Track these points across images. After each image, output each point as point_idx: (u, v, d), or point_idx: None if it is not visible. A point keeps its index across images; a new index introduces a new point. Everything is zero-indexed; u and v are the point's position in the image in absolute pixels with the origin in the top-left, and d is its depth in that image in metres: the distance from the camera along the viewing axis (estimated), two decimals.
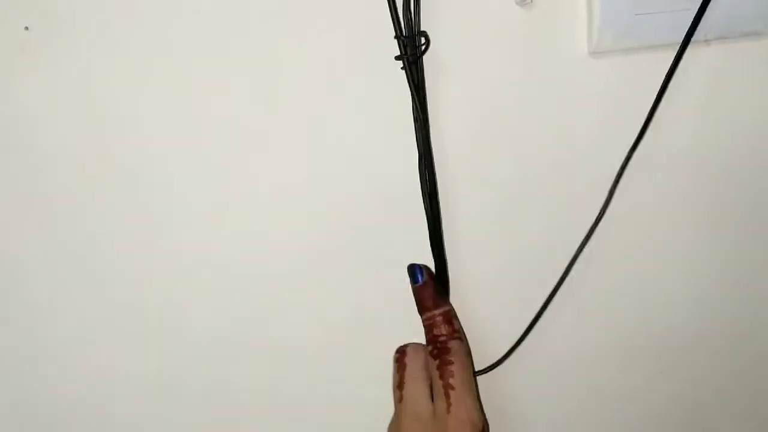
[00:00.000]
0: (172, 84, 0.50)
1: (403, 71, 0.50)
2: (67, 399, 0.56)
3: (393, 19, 0.49)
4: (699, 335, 0.68)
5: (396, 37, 0.49)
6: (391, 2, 0.48)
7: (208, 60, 0.50)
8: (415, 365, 0.53)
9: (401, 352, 0.55)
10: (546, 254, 0.61)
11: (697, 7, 0.54)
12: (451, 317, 0.53)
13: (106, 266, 0.53)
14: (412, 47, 0.50)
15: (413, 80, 0.50)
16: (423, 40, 0.50)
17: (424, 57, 0.52)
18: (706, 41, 0.56)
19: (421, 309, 0.54)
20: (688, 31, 0.54)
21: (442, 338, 0.52)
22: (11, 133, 0.49)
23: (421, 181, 0.54)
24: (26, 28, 0.48)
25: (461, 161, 0.56)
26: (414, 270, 0.54)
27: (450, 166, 0.56)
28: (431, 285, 0.54)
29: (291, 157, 0.53)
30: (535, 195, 0.59)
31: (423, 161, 0.53)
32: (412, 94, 0.51)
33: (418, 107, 0.51)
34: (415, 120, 0.52)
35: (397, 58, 0.50)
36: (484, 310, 0.60)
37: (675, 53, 0.55)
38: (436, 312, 0.53)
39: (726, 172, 0.62)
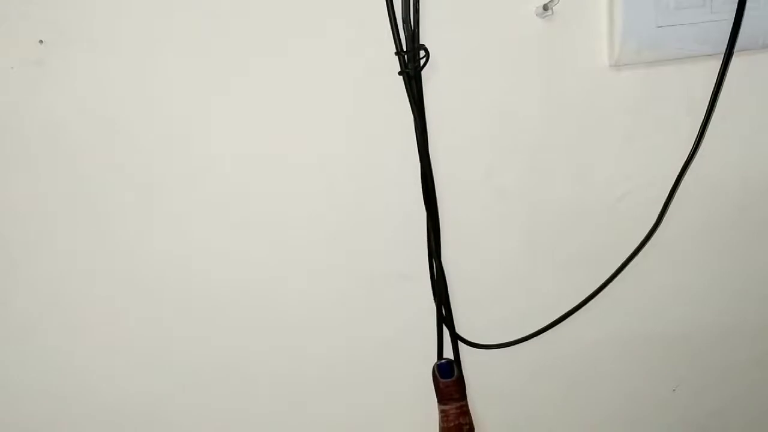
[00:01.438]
0: (180, 92, 0.49)
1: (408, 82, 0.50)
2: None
3: (393, 35, 0.49)
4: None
5: (396, 53, 0.49)
6: (391, 19, 0.48)
7: (215, 80, 0.49)
8: None
9: None
10: (565, 270, 0.60)
11: (720, 19, 0.54)
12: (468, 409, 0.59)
13: (120, 271, 0.52)
14: (412, 61, 0.49)
15: (413, 94, 0.50)
16: (423, 53, 0.50)
17: (441, 68, 0.51)
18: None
19: (447, 399, 0.58)
20: (728, 44, 0.54)
21: (467, 427, 0.58)
22: (31, 141, 0.48)
23: (423, 194, 0.54)
24: (41, 41, 0.47)
25: (482, 173, 0.56)
26: (445, 367, 0.58)
27: (469, 178, 0.55)
28: (461, 379, 0.58)
29: (298, 171, 0.53)
30: (554, 206, 0.58)
31: (425, 177, 0.53)
32: (412, 108, 0.50)
33: (418, 120, 0.51)
34: (417, 133, 0.52)
35: (399, 73, 0.50)
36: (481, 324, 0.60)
37: (697, 66, 0.55)
38: (463, 403, 0.58)
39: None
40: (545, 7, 0.52)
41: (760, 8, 0.54)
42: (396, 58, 0.50)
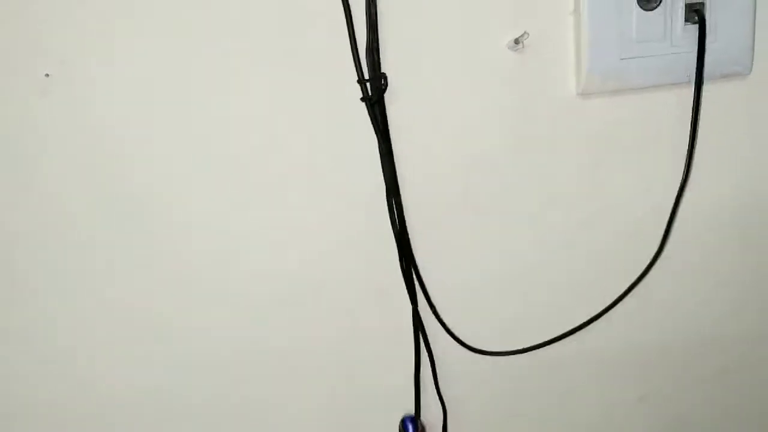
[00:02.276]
0: (184, 124, 0.53)
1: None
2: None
3: (355, 64, 0.52)
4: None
5: (358, 81, 0.52)
6: (354, 51, 0.52)
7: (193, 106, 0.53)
8: None
9: None
10: (545, 291, 0.64)
11: (680, 52, 0.58)
12: None
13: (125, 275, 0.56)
14: (374, 89, 0.53)
15: (376, 119, 0.53)
16: (383, 81, 0.53)
17: (418, 99, 0.55)
18: (689, 82, 0.59)
19: None
20: (697, 72, 0.58)
21: None
22: (34, 170, 0.52)
23: (389, 215, 0.57)
24: (47, 75, 0.50)
25: (454, 197, 0.59)
26: (407, 424, 0.60)
27: (441, 201, 0.59)
28: None
29: (265, 201, 0.56)
30: (524, 230, 0.62)
31: (391, 196, 0.56)
32: (376, 132, 0.54)
33: (382, 144, 0.54)
34: (381, 157, 0.55)
35: (361, 99, 0.53)
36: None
37: (660, 95, 0.59)
38: None
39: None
40: (516, 41, 0.56)
41: (717, 41, 0.58)
42: (360, 100, 0.53)
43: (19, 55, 0.49)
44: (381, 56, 0.53)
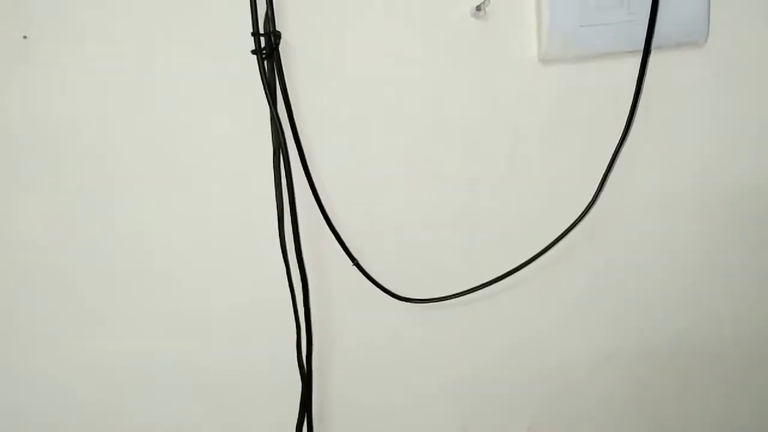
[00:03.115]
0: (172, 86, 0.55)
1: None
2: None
3: (252, 17, 0.52)
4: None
5: (253, 34, 0.53)
6: (252, 5, 0.52)
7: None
8: None
9: None
10: (495, 253, 0.66)
11: (636, 20, 0.60)
12: None
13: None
14: (267, 44, 0.53)
15: (265, 76, 0.54)
16: (274, 38, 0.53)
17: (376, 67, 0.58)
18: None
19: None
20: (646, 41, 0.60)
21: None
22: (13, 136, 0.54)
23: (275, 179, 0.57)
24: (24, 36, 0.52)
25: (420, 160, 0.62)
26: None
27: (408, 171, 0.61)
28: None
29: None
30: (488, 191, 0.64)
31: (278, 156, 0.57)
32: (265, 90, 0.54)
33: (270, 103, 0.54)
34: (271, 117, 0.55)
35: (252, 52, 0.53)
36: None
37: (618, 62, 0.62)
38: None
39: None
40: (478, 8, 0.58)
41: (671, 9, 0.61)
42: (250, 53, 0.53)
43: None
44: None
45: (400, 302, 0.64)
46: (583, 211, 0.65)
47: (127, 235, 0.58)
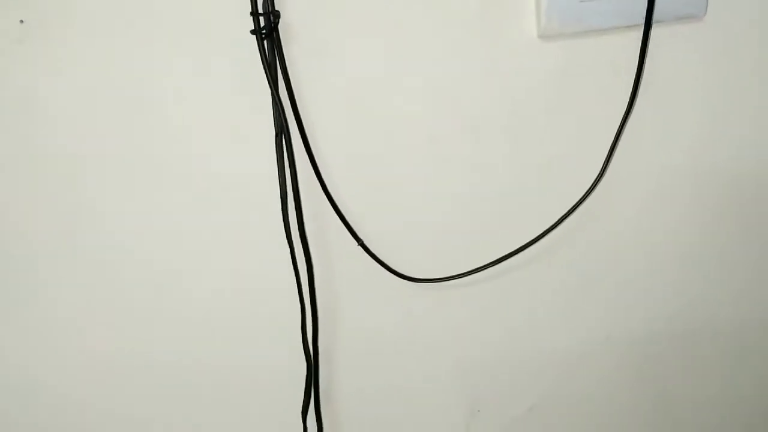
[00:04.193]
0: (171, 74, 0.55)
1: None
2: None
3: None
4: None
5: (252, 13, 0.53)
6: None
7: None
8: None
9: None
10: (502, 232, 0.66)
11: None
12: None
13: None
14: (266, 23, 0.53)
15: (266, 56, 0.54)
16: (273, 18, 0.53)
17: (380, 43, 0.58)
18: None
19: None
20: (647, 15, 0.60)
21: None
22: (10, 120, 0.53)
23: (277, 161, 0.57)
24: (21, 21, 0.52)
25: (423, 139, 0.62)
26: None
27: (407, 142, 0.61)
28: None
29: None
30: (489, 171, 0.64)
31: (280, 138, 0.57)
32: (265, 70, 0.54)
33: (271, 84, 0.54)
34: (272, 98, 0.55)
35: (251, 32, 0.53)
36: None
37: (617, 37, 0.62)
38: None
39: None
40: None
41: None
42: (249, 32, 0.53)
43: None
44: None
45: (406, 282, 0.64)
46: (589, 189, 0.65)
47: (131, 219, 0.58)
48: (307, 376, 0.63)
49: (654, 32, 0.62)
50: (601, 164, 0.65)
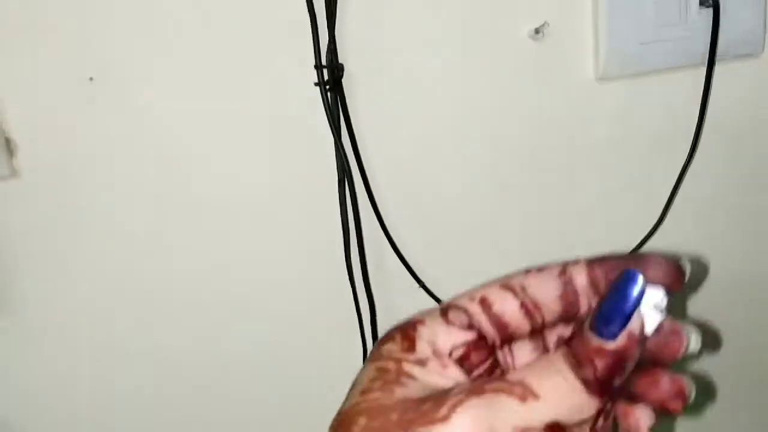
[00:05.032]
0: (228, 120, 0.56)
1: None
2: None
3: (315, 51, 0.54)
4: None
5: (315, 66, 0.54)
6: (315, 39, 0.53)
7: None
8: None
9: None
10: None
11: (694, 35, 0.60)
12: None
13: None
14: (330, 75, 0.54)
15: (329, 108, 0.55)
16: (337, 71, 0.55)
17: (440, 89, 0.58)
18: (703, 64, 0.62)
19: None
20: (710, 54, 0.60)
21: None
22: (84, 174, 0.54)
23: (340, 206, 0.58)
24: (91, 78, 0.53)
25: (482, 181, 0.62)
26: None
27: (468, 180, 0.62)
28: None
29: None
30: (548, 214, 0.65)
31: (343, 185, 0.58)
32: (328, 118, 0.55)
33: (335, 134, 0.56)
34: (336, 147, 0.56)
35: (315, 84, 0.54)
36: None
37: (675, 76, 0.62)
38: None
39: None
40: (537, 31, 0.58)
41: (729, 22, 0.60)
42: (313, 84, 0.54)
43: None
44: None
45: None
46: (648, 233, 0.65)
47: (203, 260, 0.59)
48: None
49: (717, 69, 0.62)
50: (662, 208, 0.65)
